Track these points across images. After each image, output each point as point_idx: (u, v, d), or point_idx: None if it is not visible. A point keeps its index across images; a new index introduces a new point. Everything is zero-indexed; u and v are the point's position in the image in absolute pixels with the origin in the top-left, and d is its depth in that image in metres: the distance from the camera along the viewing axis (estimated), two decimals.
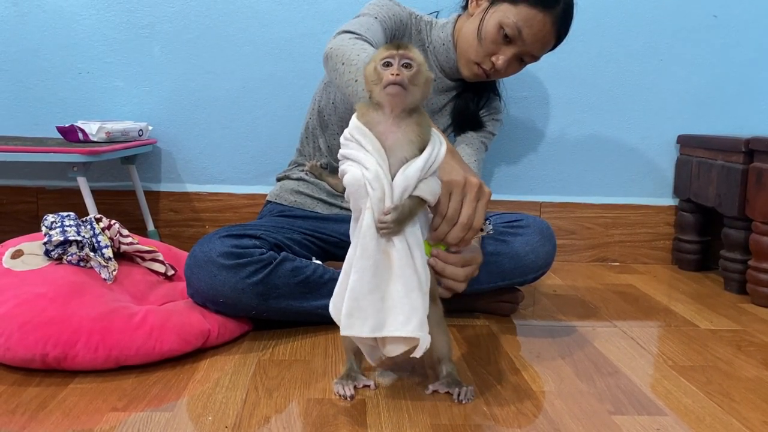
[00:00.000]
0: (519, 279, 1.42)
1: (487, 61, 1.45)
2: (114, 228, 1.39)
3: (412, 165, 0.94)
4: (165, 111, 1.99)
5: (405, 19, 1.50)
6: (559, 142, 2.05)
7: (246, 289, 1.23)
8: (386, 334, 0.94)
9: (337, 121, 1.55)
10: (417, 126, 0.95)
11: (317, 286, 1.31)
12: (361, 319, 0.94)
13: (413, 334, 0.93)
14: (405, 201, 0.94)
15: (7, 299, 1.13)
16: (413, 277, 0.95)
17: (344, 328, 0.94)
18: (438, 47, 1.52)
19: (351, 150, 0.95)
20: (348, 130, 0.97)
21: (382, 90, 0.93)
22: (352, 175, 0.94)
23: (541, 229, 1.42)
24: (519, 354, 1.26)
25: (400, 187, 0.93)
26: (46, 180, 2.01)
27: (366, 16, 1.43)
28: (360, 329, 0.94)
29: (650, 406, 1.04)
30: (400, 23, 1.49)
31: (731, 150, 1.77)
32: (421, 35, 1.53)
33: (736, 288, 1.77)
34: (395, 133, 0.95)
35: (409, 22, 1.52)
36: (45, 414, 0.95)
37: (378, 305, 0.94)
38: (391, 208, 0.93)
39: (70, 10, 1.95)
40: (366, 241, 0.94)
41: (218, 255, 1.23)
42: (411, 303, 0.94)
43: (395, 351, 0.97)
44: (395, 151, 0.94)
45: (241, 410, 0.98)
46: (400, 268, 0.94)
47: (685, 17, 2.02)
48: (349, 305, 0.94)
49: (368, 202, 0.93)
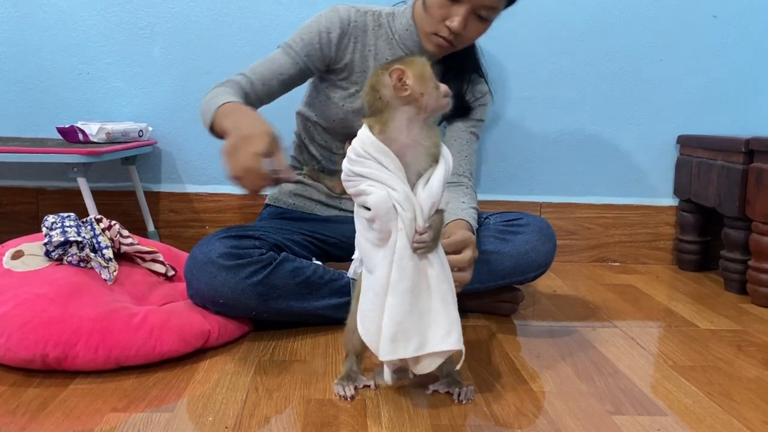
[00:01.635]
0: (519, 278, 1.42)
1: (443, 28, 1.36)
2: (114, 229, 1.39)
3: (434, 180, 0.93)
4: (165, 112, 1.99)
5: (345, 27, 1.44)
6: (560, 143, 2.05)
7: (246, 289, 1.23)
8: (429, 351, 0.94)
9: (321, 131, 1.56)
10: (434, 137, 0.95)
11: (318, 287, 1.31)
12: (405, 341, 0.93)
13: (456, 347, 0.94)
14: (434, 216, 0.94)
15: (8, 300, 1.13)
16: (449, 291, 0.95)
17: (387, 353, 0.93)
18: (403, 34, 1.47)
19: (369, 169, 0.93)
20: (360, 146, 0.94)
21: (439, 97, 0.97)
22: (379, 197, 0.92)
23: (541, 227, 1.42)
24: (519, 354, 1.26)
25: (428, 204, 0.93)
26: (46, 181, 2.01)
27: (280, 49, 1.44)
28: (404, 351, 0.93)
29: (650, 406, 1.04)
30: (337, 36, 1.44)
31: (731, 150, 1.77)
32: (383, 29, 1.48)
33: (736, 288, 1.77)
34: (412, 148, 0.94)
35: (356, 25, 1.45)
36: (45, 414, 0.95)
37: (417, 324, 0.93)
38: (427, 227, 0.93)
39: (70, 11, 1.95)
40: (404, 263, 0.92)
41: (218, 256, 1.23)
42: (449, 316, 0.94)
43: (429, 367, 0.96)
44: (413, 166, 0.94)
45: (242, 411, 0.98)
46: (437, 284, 0.95)
47: (684, 17, 2.02)
48: (392, 329, 0.92)
49: (399, 223, 0.92)
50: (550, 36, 2.01)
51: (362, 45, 1.46)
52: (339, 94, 1.48)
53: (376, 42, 1.47)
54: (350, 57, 1.45)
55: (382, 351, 0.93)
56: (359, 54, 1.46)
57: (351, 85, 1.48)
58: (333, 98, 1.49)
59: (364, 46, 1.46)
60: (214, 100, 1.30)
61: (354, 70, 1.46)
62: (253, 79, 1.40)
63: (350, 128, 1.50)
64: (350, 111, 1.48)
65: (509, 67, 2.02)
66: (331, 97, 1.49)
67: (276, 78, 1.42)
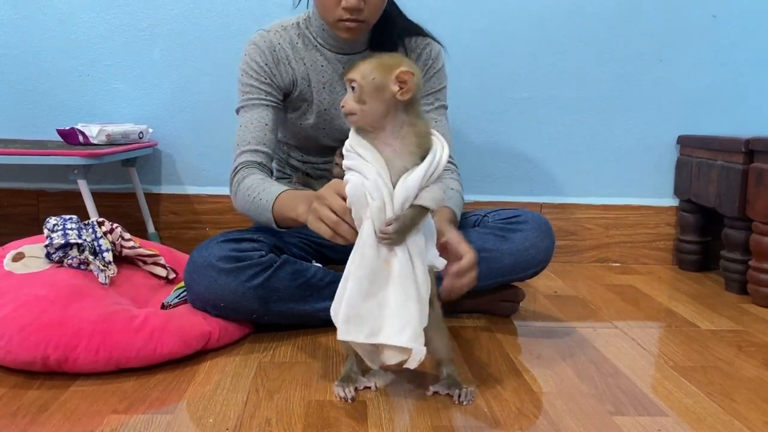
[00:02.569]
0: (519, 275, 1.42)
1: (342, 12, 1.29)
2: (116, 232, 1.39)
3: (413, 175, 0.94)
4: (165, 113, 1.99)
5: (273, 53, 1.41)
6: (559, 143, 2.05)
7: (247, 292, 1.23)
8: (380, 341, 0.95)
9: (294, 149, 1.56)
10: (415, 137, 0.96)
11: (318, 289, 1.31)
12: (357, 326, 0.94)
13: (406, 344, 0.93)
14: (407, 211, 0.94)
15: (8, 302, 1.13)
16: (412, 287, 0.95)
17: (341, 334, 0.96)
18: (321, 34, 1.42)
19: (352, 161, 0.96)
20: (348, 142, 0.98)
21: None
22: (353, 184, 0.95)
23: (540, 224, 1.42)
24: (519, 355, 1.26)
25: (401, 197, 0.94)
26: (46, 183, 2.01)
27: (244, 110, 1.40)
28: (356, 335, 0.95)
29: (651, 406, 1.04)
30: (273, 64, 1.41)
31: (731, 150, 1.77)
32: (305, 39, 1.43)
33: (736, 288, 1.77)
34: (392, 145, 0.95)
35: (281, 47, 1.42)
36: (46, 417, 0.95)
37: (375, 312, 0.94)
38: (393, 219, 0.93)
39: (70, 12, 1.95)
40: (365, 250, 0.94)
41: (218, 259, 1.23)
42: (407, 313, 0.94)
43: (392, 359, 0.97)
44: (394, 162, 0.95)
45: (242, 412, 0.98)
46: (400, 277, 0.95)
47: (684, 18, 2.02)
48: (345, 311, 0.95)
49: (368, 211, 0.94)
50: (550, 36, 2.01)
51: (295, 61, 1.42)
52: (294, 115, 1.47)
53: (305, 53, 1.43)
54: (291, 77, 1.42)
55: (338, 331, 0.96)
56: (296, 71, 1.42)
57: (301, 102, 1.45)
58: (290, 119, 1.48)
59: (297, 62, 1.42)
60: (259, 199, 1.26)
61: (298, 87, 1.43)
62: (255, 148, 1.36)
63: (317, 141, 1.50)
64: (309, 127, 1.47)
65: (509, 68, 2.02)
66: (288, 118, 1.48)
67: (267, 131, 1.37)
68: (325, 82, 1.44)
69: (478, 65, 2.00)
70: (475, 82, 2.00)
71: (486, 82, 2.01)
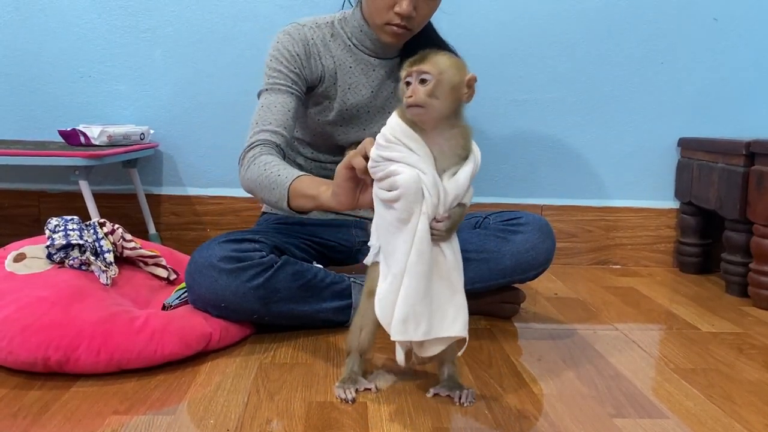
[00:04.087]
0: (520, 276, 1.42)
1: (393, 16, 1.34)
2: (117, 233, 1.39)
3: (462, 173, 0.95)
4: (167, 114, 2.00)
5: (306, 47, 1.42)
6: (560, 145, 2.06)
7: (248, 293, 1.23)
8: (436, 336, 0.96)
9: (306, 145, 1.56)
10: (462, 139, 0.96)
11: (319, 290, 1.31)
12: (415, 324, 0.94)
13: (461, 333, 0.96)
14: (455, 209, 0.96)
15: (10, 303, 1.13)
16: (459, 279, 0.97)
17: (397, 333, 0.94)
18: (358, 36, 1.45)
19: (399, 153, 0.94)
20: (390, 131, 0.96)
21: (407, 111, 0.94)
22: (409, 176, 0.93)
23: (541, 225, 1.42)
24: (520, 357, 1.26)
25: (452, 194, 0.94)
26: (47, 183, 2.02)
27: (268, 93, 1.39)
28: (414, 333, 0.94)
29: (652, 409, 1.04)
30: (304, 56, 1.42)
31: (732, 153, 1.77)
32: (339, 37, 1.46)
33: (737, 291, 1.77)
34: (440, 145, 0.95)
35: (314, 42, 1.43)
36: (47, 417, 0.95)
37: (428, 308, 0.95)
38: (446, 216, 0.94)
39: (72, 14, 1.95)
40: (423, 247, 0.94)
41: (218, 260, 1.23)
42: (456, 304, 0.96)
43: (432, 351, 0.98)
44: (440, 161, 0.95)
45: (243, 413, 0.98)
46: (448, 271, 0.96)
47: (685, 20, 2.02)
48: (404, 311, 0.94)
49: (424, 206, 0.93)
50: (551, 38, 2.01)
51: (325, 58, 1.44)
52: (314, 110, 1.48)
53: (336, 52, 1.45)
54: (320, 73, 1.44)
55: (393, 331, 0.94)
56: (325, 68, 1.44)
57: (323, 99, 1.47)
58: (310, 113, 1.49)
59: (327, 59, 1.44)
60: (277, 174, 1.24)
61: (324, 84, 1.45)
62: (275, 129, 1.35)
63: (331, 139, 1.51)
64: (327, 123, 1.48)
65: (509, 70, 2.02)
66: (308, 113, 1.49)
67: (289, 117, 1.37)
68: (351, 83, 1.46)
69: (479, 68, 1.99)
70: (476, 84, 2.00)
71: (487, 85, 2.01)
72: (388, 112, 1.45)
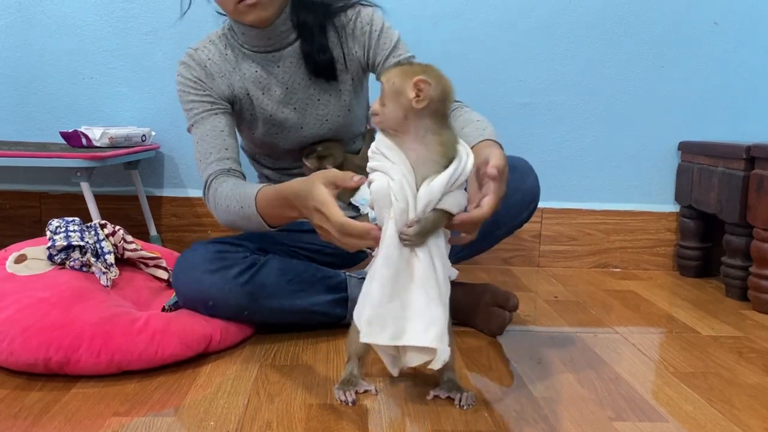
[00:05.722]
0: (514, 222, 1.39)
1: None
2: (118, 234, 1.40)
3: (438, 179, 0.94)
4: (168, 116, 2.00)
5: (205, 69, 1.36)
6: (561, 149, 2.06)
7: (234, 289, 1.23)
8: (404, 343, 0.95)
9: (264, 156, 1.51)
10: (440, 146, 0.96)
11: (311, 283, 1.30)
12: (380, 327, 0.94)
13: (431, 344, 0.94)
14: (429, 214, 0.95)
15: (10, 304, 1.14)
16: (434, 288, 0.95)
17: (364, 336, 0.95)
18: (244, 38, 1.35)
19: (377, 162, 0.97)
20: (374, 144, 0.98)
21: None
22: (378, 183, 0.95)
23: (515, 165, 1.31)
24: (520, 360, 1.26)
25: (424, 200, 0.94)
26: (49, 185, 2.02)
27: (195, 127, 1.33)
28: (379, 337, 0.94)
29: (651, 412, 1.04)
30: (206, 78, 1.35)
31: (732, 157, 1.77)
32: (233, 48, 1.37)
33: (737, 294, 1.77)
34: (417, 151, 0.96)
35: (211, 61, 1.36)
36: (48, 418, 0.96)
37: (398, 314, 0.94)
38: (414, 221, 0.94)
39: (74, 16, 1.96)
40: (389, 251, 0.94)
41: (203, 261, 1.25)
42: (431, 313, 0.94)
43: (415, 360, 0.97)
44: (419, 168, 0.95)
45: (243, 415, 0.98)
46: (422, 278, 0.95)
47: (685, 24, 2.02)
48: (369, 313, 0.95)
49: (392, 212, 0.94)
50: (551, 42, 2.01)
51: (230, 74, 1.36)
52: (243, 127, 1.44)
53: (237, 63, 1.37)
54: (230, 90, 1.36)
55: (361, 333, 0.96)
56: (234, 84, 1.37)
57: (246, 114, 1.40)
58: (242, 132, 1.46)
59: (233, 74, 1.37)
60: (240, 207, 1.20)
61: (239, 100, 1.38)
62: (218, 157, 1.29)
63: (277, 147, 1.44)
64: (260, 137, 1.42)
65: (510, 74, 2.02)
66: (241, 130, 1.45)
67: (224, 136, 1.31)
68: (263, 88, 1.38)
69: (479, 71, 2.01)
70: (476, 88, 2.00)
71: (487, 88, 2.01)
72: (318, 99, 1.40)
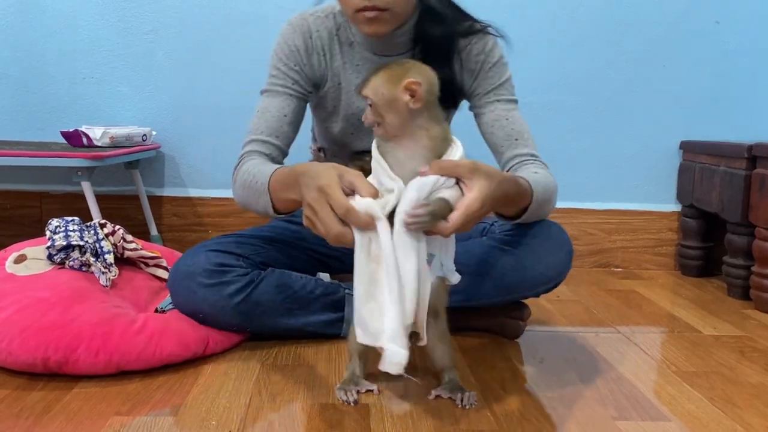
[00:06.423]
0: (528, 292, 1.28)
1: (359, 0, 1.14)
2: (118, 234, 1.39)
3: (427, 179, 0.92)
4: (169, 116, 2.00)
5: (308, 41, 1.28)
6: (562, 148, 2.06)
7: (226, 307, 1.20)
8: (381, 345, 0.93)
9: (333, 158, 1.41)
10: (428, 140, 0.96)
11: (307, 302, 1.27)
12: (362, 328, 0.94)
13: (376, 343, 0.92)
14: (437, 199, 0.92)
15: (10, 304, 1.13)
16: (396, 289, 0.91)
17: (357, 336, 0.96)
18: (354, 31, 1.27)
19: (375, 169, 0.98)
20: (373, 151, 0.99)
21: None
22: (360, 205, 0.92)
23: (551, 233, 1.25)
24: (522, 359, 1.26)
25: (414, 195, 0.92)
26: (50, 184, 2.02)
27: (266, 95, 1.27)
28: (364, 338, 0.94)
29: (654, 411, 1.04)
30: (304, 50, 1.27)
31: (734, 156, 1.77)
32: (344, 32, 1.29)
33: (739, 294, 1.77)
34: (408, 148, 0.96)
35: (318, 35, 1.28)
36: (49, 418, 0.95)
37: (376, 315, 0.93)
38: (423, 203, 0.90)
39: (74, 15, 1.96)
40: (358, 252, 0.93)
41: (199, 272, 1.20)
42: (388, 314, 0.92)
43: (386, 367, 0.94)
44: (406, 163, 0.95)
45: (245, 415, 0.98)
46: (387, 276, 0.92)
47: (687, 23, 2.02)
48: (355, 315, 0.95)
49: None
50: (552, 41, 2.01)
51: (330, 55, 1.28)
52: (320, 116, 1.36)
53: (343, 48, 1.29)
54: (323, 71, 1.29)
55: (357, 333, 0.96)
56: (330, 65, 1.29)
57: (327, 102, 1.32)
58: (317, 121, 1.39)
59: (333, 56, 1.29)
60: (255, 181, 1.14)
61: (328, 83, 1.30)
62: (266, 139, 1.23)
63: (349, 147, 1.36)
64: (336, 133, 1.35)
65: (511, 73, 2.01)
66: (321, 119, 1.37)
67: (284, 123, 1.25)
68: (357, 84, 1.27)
69: None
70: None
71: None
72: None
